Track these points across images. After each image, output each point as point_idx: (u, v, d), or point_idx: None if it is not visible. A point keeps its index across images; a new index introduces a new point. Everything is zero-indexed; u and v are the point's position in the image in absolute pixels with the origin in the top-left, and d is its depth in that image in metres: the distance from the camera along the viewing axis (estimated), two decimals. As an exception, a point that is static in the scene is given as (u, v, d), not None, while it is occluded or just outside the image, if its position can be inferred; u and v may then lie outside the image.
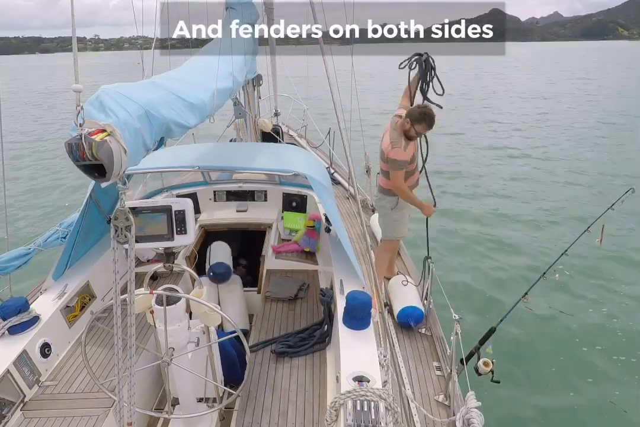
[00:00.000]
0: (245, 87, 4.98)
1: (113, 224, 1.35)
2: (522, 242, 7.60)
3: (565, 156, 13.02)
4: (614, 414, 4.06)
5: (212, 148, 4.09)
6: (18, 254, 2.96)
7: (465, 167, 12.08)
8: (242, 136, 5.65)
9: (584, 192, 9.97)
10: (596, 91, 27.80)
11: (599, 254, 6.77)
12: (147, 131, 1.69)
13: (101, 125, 1.33)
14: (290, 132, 8.18)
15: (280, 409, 2.46)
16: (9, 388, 2.38)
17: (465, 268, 6.71)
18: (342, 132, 2.50)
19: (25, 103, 27.88)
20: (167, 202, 1.97)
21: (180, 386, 2.31)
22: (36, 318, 2.69)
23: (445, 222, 8.31)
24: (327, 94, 2.51)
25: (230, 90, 3.25)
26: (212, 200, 4.68)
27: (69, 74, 44.70)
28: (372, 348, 2.37)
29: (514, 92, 28.46)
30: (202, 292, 2.17)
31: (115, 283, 1.41)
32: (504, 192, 10.15)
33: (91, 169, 1.30)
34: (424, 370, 3.03)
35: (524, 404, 4.15)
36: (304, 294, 3.60)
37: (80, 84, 1.23)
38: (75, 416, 2.37)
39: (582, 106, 22.18)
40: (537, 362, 4.71)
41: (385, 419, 1.89)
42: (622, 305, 5.73)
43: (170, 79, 2.43)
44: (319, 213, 4.17)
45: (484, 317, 5.22)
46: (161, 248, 2.07)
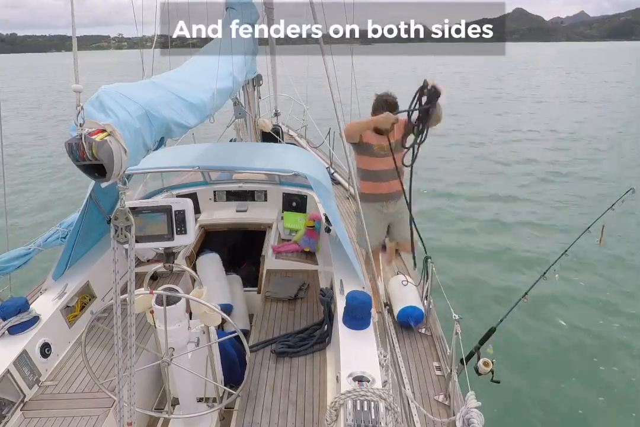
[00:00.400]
0: (245, 87, 4.98)
1: (113, 224, 1.35)
2: (523, 241, 7.62)
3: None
4: (614, 414, 4.06)
5: (212, 148, 4.09)
6: (18, 254, 2.96)
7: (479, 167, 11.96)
8: (242, 136, 5.65)
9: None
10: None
11: (599, 254, 6.78)
12: (147, 131, 1.69)
13: (101, 125, 1.33)
14: (290, 132, 8.18)
15: (280, 409, 2.46)
16: (9, 388, 2.38)
17: (465, 268, 6.71)
18: (342, 133, 2.50)
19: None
20: (167, 202, 1.97)
21: (180, 386, 2.31)
22: (36, 318, 2.69)
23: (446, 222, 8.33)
24: (329, 96, 2.51)
25: (230, 90, 3.25)
26: (212, 201, 4.68)
27: (88, 73, 44.83)
28: (372, 348, 2.37)
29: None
30: (202, 292, 2.17)
31: (115, 283, 1.41)
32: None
33: (91, 169, 1.30)
34: (424, 370, 3.03)
35: (524, 404, 4.15)
36: (304, 294, 3.60)
37: (80, 83, 1.23)
38: (75, 416, 2.37)
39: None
40: (537, 362, 4.71)
41: (385, 419, 1.88)
42: (623, 305, 5.74)
43: (170, 79, 2.42)
44: (319, 213, 4.17)
45: (483, 317, 5.22)
46: (161, 248, 2.07)
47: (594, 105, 23.01)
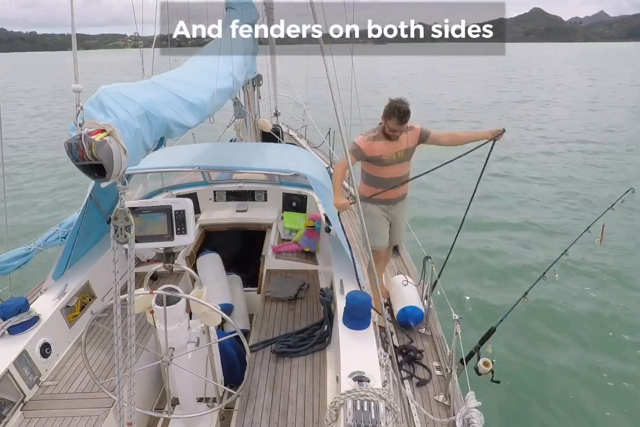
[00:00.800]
0: (245, 87, 4.99)
1: (113, 224, 1.35)
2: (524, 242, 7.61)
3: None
4: (615, 414, 4.06)
5: (212, 148, 4.09)
6: (18, 254, 2.97)
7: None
8: (242, 136, 5.65)
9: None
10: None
11: (599, 254, 6.78)
12: (147, 131, 1.69)
13: (101, 125, 1.33)
14: (290, 132, 8.18)
15: (280, 409, 2.46)
16: (9, 388, 2.38)
17: (465, 268, 6.71)
18: (342, 133, 2.50)
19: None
20: (167, 202, 1.97)
21: (180, 386, 2.31)
22: (36, 318, 2.69)
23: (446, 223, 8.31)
24: (329, 96, 2.50)
25: (230, 90, 3.25)
26: (212, 200, 4.68)
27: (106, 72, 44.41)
28: (372, 348, 2.38)
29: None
30: (202, 292, 2.17)
31: (115, 283, 1.41)
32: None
33: (91, 169, 1.30)
34: (424, 370, 3.03)
35: (524, 404, 4.15)
36: (304, 294, 3.60)
37: (80, 83, 1.23)
38: (75, 416, 2.37)
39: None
40: (537, 362, 4.71)
41: (385, 419, 1.89)
42: (623, 304, 5.74)
43: (170, 79, 2.42)
44: (319, 213, 4.17)
45: (484, 316, 5.23)
46: (161, 248, 2.07)
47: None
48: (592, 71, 46.99)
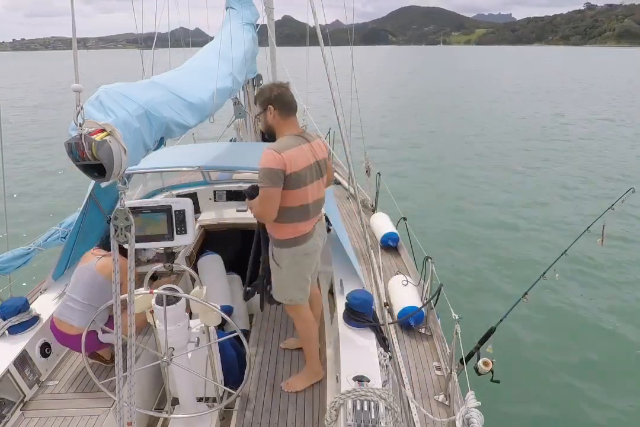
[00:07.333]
0: (245, 87, 4.98)
1: (113, 224, 1.35)
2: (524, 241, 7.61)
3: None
4: (615, 414, 4.06)
5: (212, 148, 4.09)
6: (18, 254, 2.97)
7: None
8: (242, 136, 5.64)
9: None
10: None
11: (599, 254, 6.78)
12: (147, 131, 1.69)
13: (101, 125, 1.33)
14: None
15: (280, 409, 2.46)
16: (9, 388, 2.38)
17: (465, 268, 6.71)
18: (342, 133, 2.50)
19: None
20: (167, 202, 1.97)
21: (180, 386, 2.31)
22: (36, 318, 2.69)
23: (446, 221, 8.32)
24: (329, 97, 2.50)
25: (230, 90, 3.25)
26: (212, 200, 4.67)
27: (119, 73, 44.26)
28: (372, 348, 2.37)
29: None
30: (202, 292, 2.17)
31: (115, 283, 1.41)
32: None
33: (91, 169, 1.30)
34: (423, 370, 3.03)
35: (524, 404, 4.15)
36: (304, 294, 3.60)
37: (80, 83, 1.23)
38: (75, 416, 2.37)
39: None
40: (537, 362, 4.71)
41: (385, 419, 1.88)
42: (623, 304, 5.74)
43: (170, 79, 2.42)
44: (319, 213, 4.16)
45: (483, 317, 5.22)
46: (161, 248, 2.07)
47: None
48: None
